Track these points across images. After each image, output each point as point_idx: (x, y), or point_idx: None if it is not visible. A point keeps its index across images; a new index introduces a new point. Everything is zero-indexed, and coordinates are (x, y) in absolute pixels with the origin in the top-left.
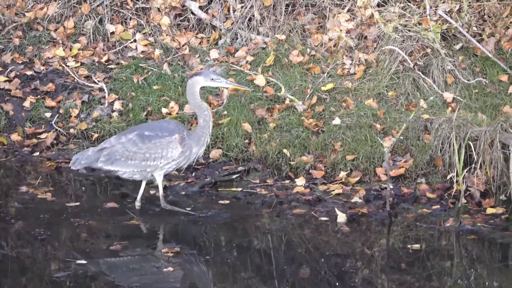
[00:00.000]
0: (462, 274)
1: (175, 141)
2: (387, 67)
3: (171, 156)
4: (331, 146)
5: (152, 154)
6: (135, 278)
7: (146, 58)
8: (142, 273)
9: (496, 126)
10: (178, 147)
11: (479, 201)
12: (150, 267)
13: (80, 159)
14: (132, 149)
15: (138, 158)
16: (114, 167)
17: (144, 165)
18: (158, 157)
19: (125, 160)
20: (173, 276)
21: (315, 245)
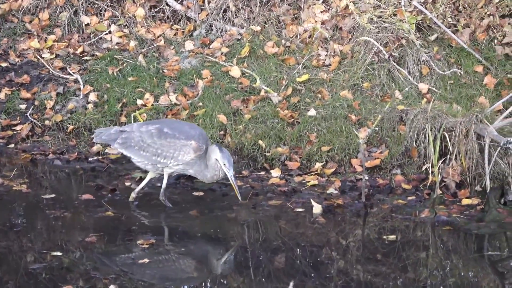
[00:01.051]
0: (438, 265)
1: (190, 146)
2: (362, 58)
3: (181, 159)
4: (307, 137)
5: (164, 151)
6: (111, 269)
7: (121, 49)
8: (118, 264)
9: (471, 117)
10: (191, 153)
11: (455, 192)
12: (125, 259)
13: (103, 134)
14: (147, 141)
15: (150, 152)
16: (127, 152)
17: (154, 159)
18: (169, 157)
19: (138, 149)
20: (148, 268)
21: (291, 236)
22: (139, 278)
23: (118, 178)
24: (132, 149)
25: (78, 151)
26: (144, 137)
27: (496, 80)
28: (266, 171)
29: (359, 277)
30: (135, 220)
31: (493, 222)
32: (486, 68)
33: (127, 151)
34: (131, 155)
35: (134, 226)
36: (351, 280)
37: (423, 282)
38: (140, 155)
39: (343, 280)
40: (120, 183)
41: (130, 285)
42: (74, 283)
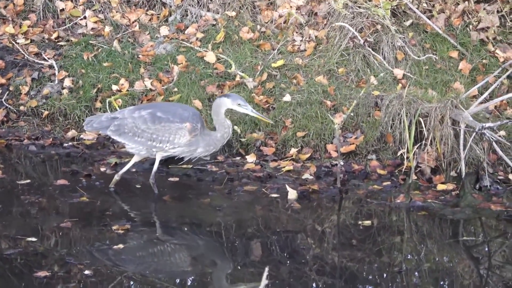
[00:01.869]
0: (413, 250)
1: (185, 129)
2: (337, 43)
3: (177, 142)
4: (282, 122)
5: (159, 136)
6: (86, 255)
7: (96, 35)
8: (92, 250)
9: (446, 103)
10: (187, 135)
11: (430, 178)
12: (100, 244)
13: (93, 122)
14: (141, 126)
15: (145, 137)
16: (121, 139)
17: (149, 144)
18: (165, 141)
19: (132, 135)
20: (123, 253)
21: (266, 222)
22: (114, 264)
23: (93, 164)
24: (126, 135)
25: (53, 136)
26: (137, 123)
27: (471, 66)
28: (241, 156)
29: (334, 262)
30: (110, 205)
31: (468, 207)
32: (461, 53)
33: (121, 137)
34: (126, 141)
35: (109, 212)
36: (327, 265)
37: (399, 267)
38: (135, 141)
39: (318, 265)
40: (95, 168)
41: (105, 270)
42: (49, 268)
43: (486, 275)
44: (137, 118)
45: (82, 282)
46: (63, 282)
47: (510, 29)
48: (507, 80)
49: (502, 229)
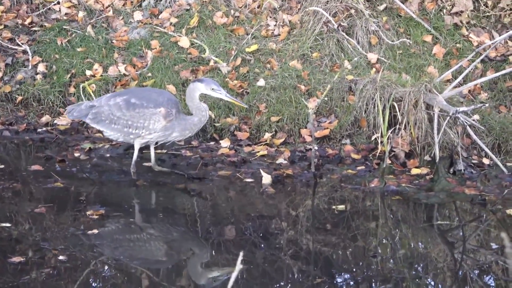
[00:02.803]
0: (387, 235)
1: (159, 114)
2: (311, 28)
3: (153, 128)
4: (256, 107)
5: (134, 122)
6: (60, 240)
7: (69, 20)
8: (67, 235)
9: (420, 87)
10: (162, 120)
11: (404, 162)
12: (75, 230)
13: (74, 110)
14: (116, 113)
15: (121, 124)
16: (99, 127)
17: (126, 131)
18: (140, 127)
19: (109, 123)
20: (98, 238)
21: (241, 207)
22: (89, 249)
23: (67, 149)
24: (103, 123)
25: (27, 122)
26: (113, 110)
27: (445, 50)
28: (215, 141)
29: (308, 247)
30: (85, 190)
31: (442, 191)
32: (435, 37)
33: (99, 125)
34: (103, 129)
35: (84, 197)
36: (301, 250)
37: (373, 251)
38: (112, 128)
39: (292, 250)
40: (69, 154)
41: (79, 255)
42: (23, 254)
43: (461, 258)
44: (113, 105)
45: (57, 268)
46: (37, 268)
47: (484, 13)
48: (480, 64)
49: (476, 213)
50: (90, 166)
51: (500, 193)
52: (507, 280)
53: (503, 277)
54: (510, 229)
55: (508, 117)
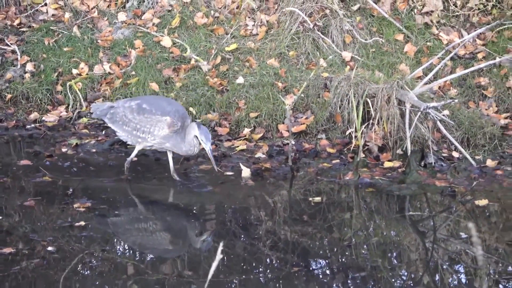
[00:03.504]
0: (361, 225)
1: (164, 122)
2: (288, 28)
3: (157, 134)
4: (235, 104)
5: (142, 127)
6: (49, 232)
7: (56, 21)
8: (55, 227)
9: (392, 84)
10: (165, 128)
11: (377, 155)
12: (62, 222)
13: (97, 109)
14: (128, 116)
15: (131, 126)
16: (113, 127)
17: (134, 134)
18: (146, 132)
19: (122, 124)
20: (85, 230)
21: (221, 199)
22: (76, 240)
23: (54, 145)
24: (117, 123)
25: (16, 118)
26: (126, 112)
27: (416, 48)
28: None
29: (286, 237)
30: (72, 184)
31: (413, 183)
32: (406, 36)
33: (114, 125)
34: (116, 129)
35: (71, 191)
36: (279, 240)
37: (348, 241)
38: (124, 130)
39: (271, 240)
40: (57, 149)
41: (67, 247)
42: (13, 245)
43: (431, 248)
44: (127, 108)
45: (45, 258)
46: (27, 258)
47: (453, 12)
48: (450, 61)
49: (446, 204)
50: (76, 161)
51: (469, 185)
52: (475, 268)
53: (471, 265)
54: (478, 219)
55: (476, 112)
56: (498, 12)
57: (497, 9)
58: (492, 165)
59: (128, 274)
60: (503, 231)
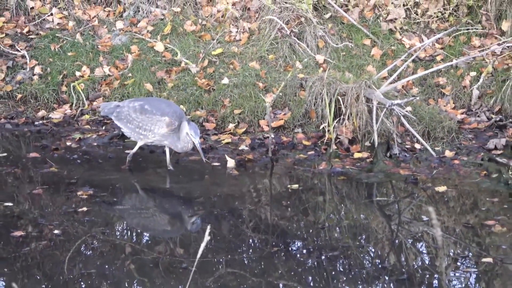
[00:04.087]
0: (334, 209)
1: (163, 122)
2: (267, 34)
3: (157, 132)
4: (221, 102)
5: (144, 125)
6: (55, 216)
7: (61, 29)
8: (61, 212)
9: (361, 83)
10: (164, 127)
11: (348, 147)
12: (67, 208)
13: (105, 107)
14: (132, 115)
15: (134, 124)
16: (119, 124)
17: (137, 131)
18: (148, 130)
19: (126, 122)
20: (87, 215)
21: (208, 187)
22: (79, 224)
23: (60, 139)
24: (122, 121)
25: (26, 116)
26: (130, 111)
27: (381, 52)
28: None
29: (267, 220)
30: (75, 174)
31: (380, 172)
32: (373, 41)
33: (119, 123)
34: (121, 126)
35: (75, 180)
36: (261, 223)
37: (322, 224)
38: (128, 127)
39: (253, 223)
40: (62, 143)
41: (71, 230)
42: (24, 229)
43: (397, 229)
44: (131, 107)
45: (52, 240)
46: (36, 241)
47: (415, 20)
48: (412, 63)
49: (409, 190)
50: (80, 153)
51: (429, 173)
52: (436, 247)
53: (432, 245)
54: (438, 204)
55: (436, 108)
56: (454, 19)
57: (454, 17)
58: (450, 156)
59: (126, 253)
60: (460, 214)
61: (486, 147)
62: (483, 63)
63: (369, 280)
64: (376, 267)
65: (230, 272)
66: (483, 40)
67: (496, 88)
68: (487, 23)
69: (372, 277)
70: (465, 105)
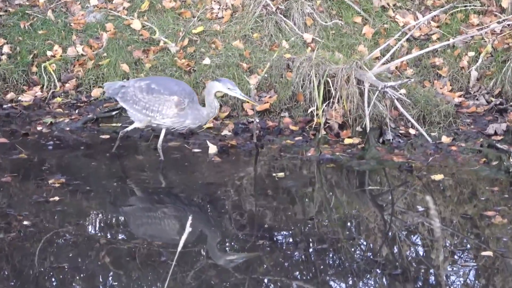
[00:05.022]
0: (323, 199)
1: (172, 101)
2: (252, 11)
3: (166, 113)
4: (202, 84)
5: (151, 106)
6: (25, 206)
7: (31, 5)
8: (31, 202)
9: (351, 64)
10: (173, 107)
11: (338, 133)
12: (37, 197)
13: (110, 88)
14: (138, 95)
15: (140, 105)
16: (124, 105)
17: (144, 113)
18: (155, 110)
19: (132, 103)
20: (59, 205)
21: (189, 174)
22: (50, 214)
23: (30, 124)
24: (127, 102)
25: None
26: (136, 92)
27: (373, 30)
28: None
29: (252, 211)
30: (47, 161)
31: (372, 159)
32: (364, 19)
33: (124, 104)
34: (127, 107)
35: (46, 167)
36: (245, 213)
37: (310, 215)
38: (134, 108)
39: (237, 214)
40: (32, 128)
41: (42, 221)
42: None
43: (390, 220)
44: (137, 87)
45: (21, 232)
46: (4, 232)
47: None
48: (406, 42)
49: (403, 178)
50: (51, 139)
51: (425, 160)
52: (432, 239)
53: (428, 237)
54: (434, 193)
55: (431, 91)
56: None
57: None
58: (447, 142)
59: (100, 245)
60: (457, 204)
61: (486, 132)
62: (482, 42)
63: (360, 275)
64: (368, 261)
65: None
66: (482, 18)
67: (496, 69)
68: (486, 0)
69: (364, 271)
70: (463, 88)
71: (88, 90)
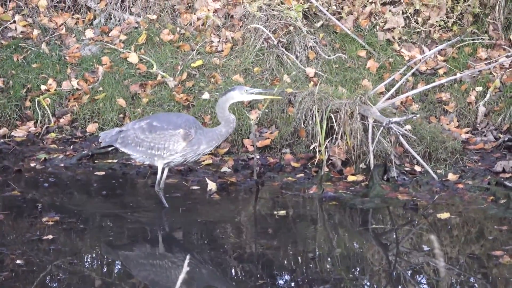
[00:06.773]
0: (326, 238)
1: (178, 135)
2: (252, 44)
3: (173, 148)
4: (201, 119)
5: (156, 144)
6: (17, 245)
7: (25, 38)
8: (24, 240)
9: (355, 99)
10: (181, 141)
11: (341, 169)
12: (31, 235)
13: (106, 137)
14: (140, 136)
15: (145, 146)
16: (126, 150)
17: (150, 153)
18: (162, 148)
19: (135, 146)
20: (53, 243)
21: (187, 213)
22: (44, 253)
23: (23, 160)
24: (130, 146)
25: None
26: (137, 133)
27: (378, 64)
28: None
29: (252, 250)
30: (40, 198)
31: (376, 197)
32: (369, 52)
33: (126, 148)
34: (130, 151)
35: (39, 204)
36: (245, 253)
37: (312, 254)
38: (137, 151)
39: (237, 253)
40: (25, 164)
41: (35, 260)
42: None
43: (394, 260)
44: (137, 129)
45: (14, 271)
46: None
47: (414, 29)
48: (412, 77)
49: (408, 217)
50: (45, 175)
51: (431, 198)
52: (438, 280)
53: (434, 277)
54: (440, 232)
55: (438, 127)
56: (458, 28)
57: (458, 26)
58: (454, 179)
59: (95, 284)
60: (464, 244)
61: (493, 169)
62: (490, 77)
63: None
64: None
65: None
66: (490, 52)
67: (504, 105)
68: (495, 33)
69: None
70: (470, 124)
71: (83, 125)
